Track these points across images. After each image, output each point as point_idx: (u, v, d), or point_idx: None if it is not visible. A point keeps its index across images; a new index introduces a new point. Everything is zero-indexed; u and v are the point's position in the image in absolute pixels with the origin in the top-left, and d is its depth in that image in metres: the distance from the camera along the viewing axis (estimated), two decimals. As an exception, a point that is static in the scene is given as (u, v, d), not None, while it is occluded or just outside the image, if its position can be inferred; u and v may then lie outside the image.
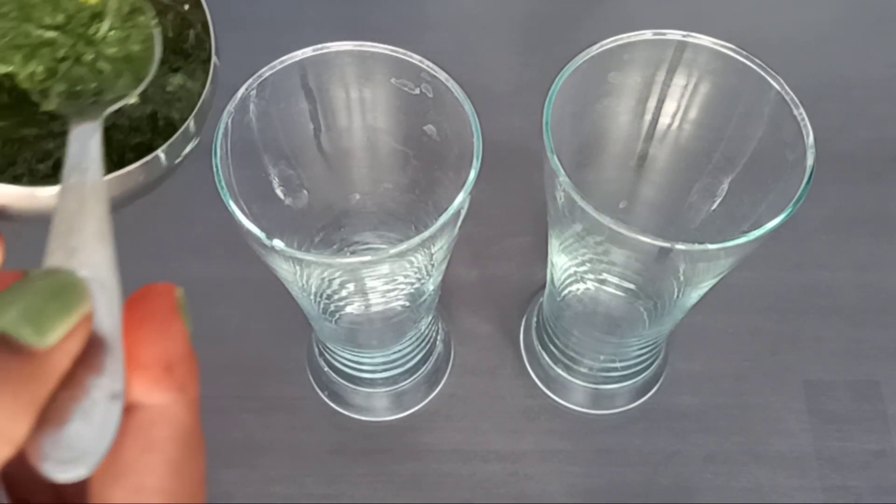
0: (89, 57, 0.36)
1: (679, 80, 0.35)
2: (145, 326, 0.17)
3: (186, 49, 0.44)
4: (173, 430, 0.16)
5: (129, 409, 0.16)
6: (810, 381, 0.46)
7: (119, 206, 0.41)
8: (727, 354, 0.47)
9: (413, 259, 0.33)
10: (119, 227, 0.56)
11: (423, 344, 0.44)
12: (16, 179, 0.38)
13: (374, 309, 0.38)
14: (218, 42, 0.40)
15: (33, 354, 0.15)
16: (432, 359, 0.45)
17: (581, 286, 0.40)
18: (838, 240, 0.50)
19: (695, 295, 0.36)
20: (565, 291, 0.41)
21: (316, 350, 0.46)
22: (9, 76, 0.37)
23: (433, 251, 0.33)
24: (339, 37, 0.34)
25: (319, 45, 0.33)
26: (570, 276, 0.39)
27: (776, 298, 0.48)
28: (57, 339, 0.15)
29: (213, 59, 0.39)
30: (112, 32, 0.37)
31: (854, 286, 0.49)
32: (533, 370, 0.46)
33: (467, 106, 0.32)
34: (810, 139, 0.31)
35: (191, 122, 0.38)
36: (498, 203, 0.50)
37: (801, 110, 0.32)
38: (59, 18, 0.37)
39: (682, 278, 0.35)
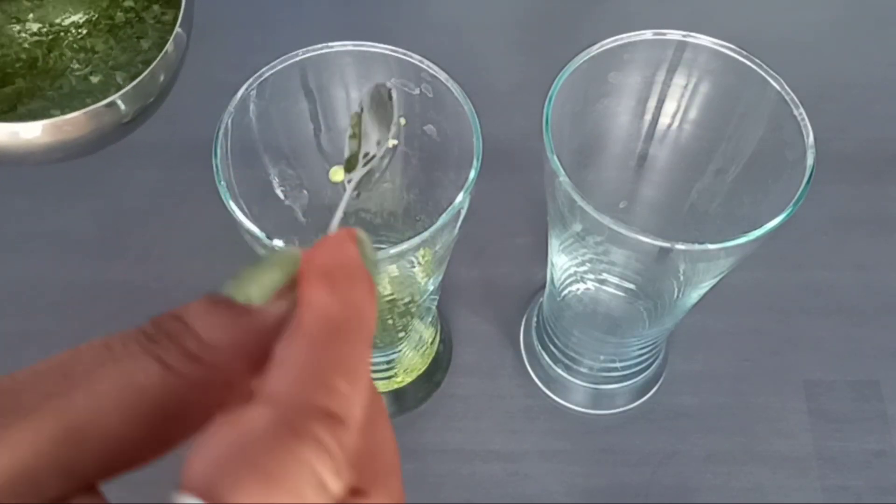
0: None
1: (679, 80, 0.35)
2: (321, 246, 0.20)
3: None
4: (315, 318, 0.18)
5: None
6: (810, 381, 0.46)
7: (94, 145, 0.44)
8: (727, 354, 0.47)
9: (413, 259, 0.33)
10: (119, 227, 0.57)
11: (424, 344, 0.44)
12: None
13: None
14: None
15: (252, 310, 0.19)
16: (433, 359, 0.45)
17: (581, 286, 0.40)
18: (838, 240, 0.50)
19: (695, 295, 0.36)
20: (565, 291, 0.41)
21: (316, 350, 0.46)
22: None
23: (433, 251, 0.33)
24: (339, 37, 0.34)
25: (319, 45, 0.33)
26: (570, 276, 0.39)
27: (776, 298, 0.48)
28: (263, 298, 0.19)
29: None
30: None
31: (854, 286, 0.49)
32: (533, 370, 0.46)
33: (467, 106, 0.32)
34: (810, 139, 0.31)
35: (167, 52, 0.42)
36: (498, 203, 0.50)
37: (801, 110, 0.32)
38: None
39: (682, 278, 0.35)
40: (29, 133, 0.42)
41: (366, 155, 0.29)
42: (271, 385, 0.17)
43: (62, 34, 0.48)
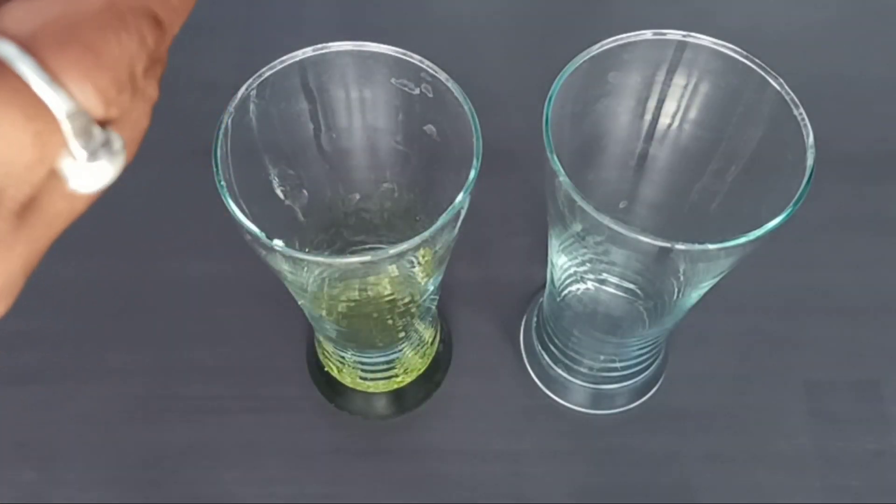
0: None
1: (679, 80, 0.35)
2: None
3: None
4: None
5: None
6: (810, 381, 0.46)
7: None
8: (727, 354, 0.47)
9: (413, 259, 0.33)
10: (119, 227, 0.57)
11: (424, 344, 0.44)
12: None
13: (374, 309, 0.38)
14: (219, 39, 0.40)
15: None
16: (433, 359, 0.45)
17: (581, 286, 0.40)
18: (838, 240, 0.50)
19: (695, 295, 0.36)
20: (565, 291, 0.41)
21: (316, 350, 0.46)
22: None
23: (433, 251, 0.33)
24: (339, 37, 0.34)
25: (319, 45, 0.33)
26: (570, 276, 0.39)
27: (776, 298, 0.48)
28: None
29: None
30: None
31: (854, 286, 0.49)
32: (533, 370, 0.46)
33: (467, 106, 0.32)
34: (810, 139, 0.31)
35: None
36: (498, 203, 0.50)
37: (801, 110, 0.32)
38: None
39: (682, 278, 0.35)
40: None
41: None
42: None
43: None
